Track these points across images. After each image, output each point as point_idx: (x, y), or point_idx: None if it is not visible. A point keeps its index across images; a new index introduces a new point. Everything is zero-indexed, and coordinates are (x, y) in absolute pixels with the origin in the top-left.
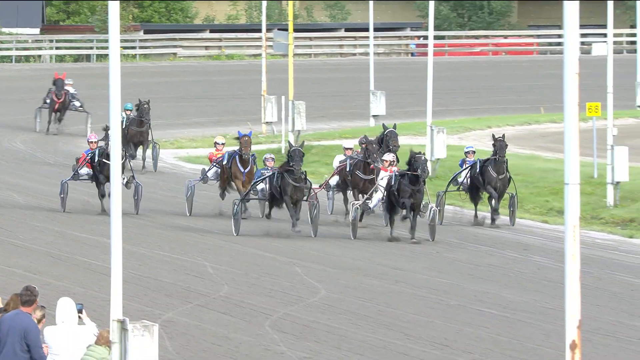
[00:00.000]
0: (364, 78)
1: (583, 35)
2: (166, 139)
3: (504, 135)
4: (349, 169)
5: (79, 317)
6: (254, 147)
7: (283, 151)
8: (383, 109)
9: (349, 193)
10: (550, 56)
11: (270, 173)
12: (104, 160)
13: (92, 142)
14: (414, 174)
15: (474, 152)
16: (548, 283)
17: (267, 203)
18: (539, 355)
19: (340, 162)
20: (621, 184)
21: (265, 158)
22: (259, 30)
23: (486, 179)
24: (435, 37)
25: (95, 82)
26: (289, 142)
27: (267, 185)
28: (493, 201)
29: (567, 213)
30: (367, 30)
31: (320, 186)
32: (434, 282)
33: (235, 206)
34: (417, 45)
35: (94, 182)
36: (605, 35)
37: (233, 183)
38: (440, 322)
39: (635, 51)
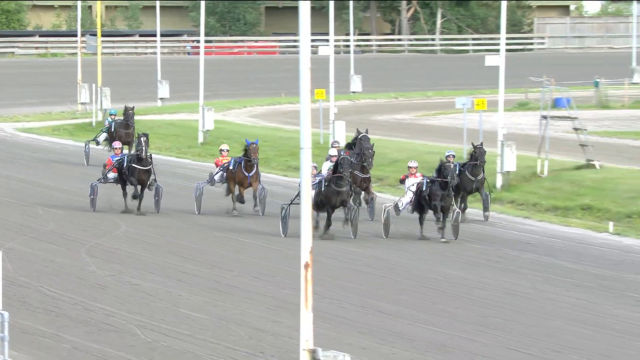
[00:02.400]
0: (153, 71)
1: (313, 40)
2: (7, 115)
3: (482, 142)
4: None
5: None
6: (73, 121)
7: (94, 124)
8: (167, 93)
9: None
10: (288, 55)
11: (318, 180)
12: (134, 165)
13: (116, 148)
14: (444, 180)
15: (453, 156)
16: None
17: (317, 213)
18: None
19: (328, 168)
20: (341, 147)
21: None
22: (76, 35)
23: (463, 181)
24: (205, 41)
25: None
26: (339, 151)
27: (315, 192)
28: (462, 202)
29: (302, 169)
30: (155, 35)
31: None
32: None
33: (284, 210)
34: (192, 47)
35: (120, 184)
36: (328, 40)
37: (236, 186)
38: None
39: (349, 52)
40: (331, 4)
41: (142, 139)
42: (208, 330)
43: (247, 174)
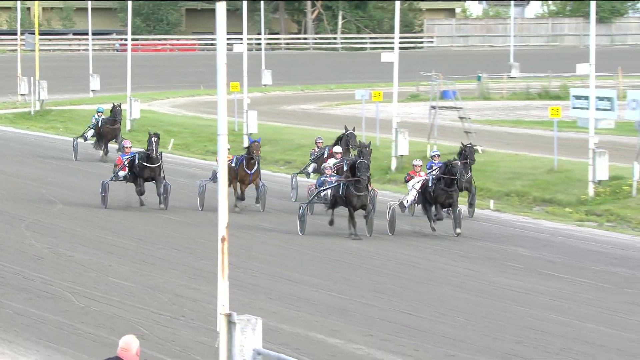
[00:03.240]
0: (85, 66)
1: (228, 38)
2: None
3: (471, 143)
4: (346, 169)
5: None
6: (14, 111)
7: (32, 112)
8: (98, 86)
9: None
10: (207, 52)
11: (336, 183)
12: (144, 163)
13: (126, 147)
14: (451, 177)
15: (439, 155)
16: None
17: (330, 210)
18: None
19: (334, 164)
20: (253, 134)
21: (324, 167)
22: (16, 34)
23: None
24: (132, 39)
25: None
26: (355, 155)
27: (330, 193)
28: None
29: (219, 153)
30: (87, 34)
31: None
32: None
33: (301, 209)
34: (120, 45)
35: (132, 182)
36: (241, 38)
37: (238, 183)
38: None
39: (260, 49)
40: (244, 7)
41: (153, 138)
42: (135, 297)
43: (248, 171)
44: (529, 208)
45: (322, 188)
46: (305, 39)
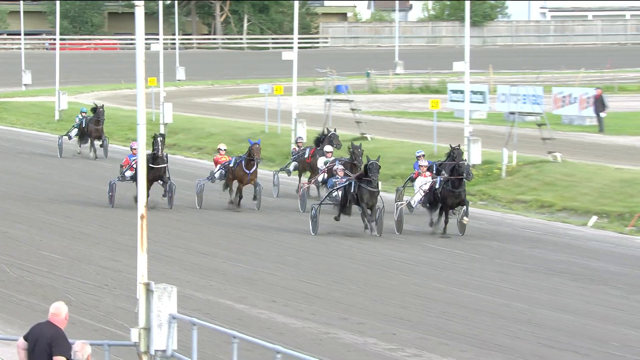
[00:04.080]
0: (18, 62)
1: (146, 38)
2: None
3: (459, 144)
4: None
5: None
6: None
7: None
8: (30, 80)
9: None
10: (127, 51)
11: (347, 182)
12: (150, 164)
13: (135, 148)
14: (458, 177)
15: (423, 155)
16: None
17: (337, 207)
18: None
19: (324, 163)
20: (169, 124)
21: (335, 169)
22: None
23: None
24: (60, 39)
25: None
26: (366, 156)
27: (341, 192)
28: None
29: (139, 140)
30: (20, 34)
31: (309, 181)
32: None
33: (313, 210)
34: (50, 44)
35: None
36: (158, 38)
37: (235, 183)
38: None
39: (175, 48)
40: (160, 10)
41: (158, 139)
42: (63, 268)
43: (247, 172)
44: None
45: (334, 188)
46: (214, 39)
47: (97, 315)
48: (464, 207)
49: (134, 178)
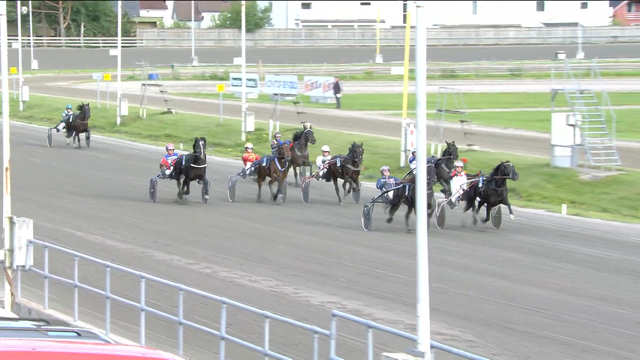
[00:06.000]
0: None
1: (9, 38)
2: None
3: (453, 141)
4: (339, 165)
5: None
6: None
7: None
8: None
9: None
10: None
11: (401, 185)
12: (192, 164)
13: (169, 149)
14: (502, 177)
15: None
16: None
17: (389, 209)
18: None
19: (323, 160)
20: (26, 101)
21: (382, 170)
22: None
23: (440, 174)
24: None
25: None
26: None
27: (393, 193)
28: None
29: (4, 114)
30: None
31: (311, 176)
32: None
33: (366, 207)
34: None
35: (176, 180)
36: (17, 39)
37: (271, 178)
38: None
39: (30, 46)
40: (19, 17)
41: (200, 142)
42: None
43: (281, 169)
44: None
45: (386, 190)
46: (59, 40)
47: None
48: (508, 206)
49: (172, 176)
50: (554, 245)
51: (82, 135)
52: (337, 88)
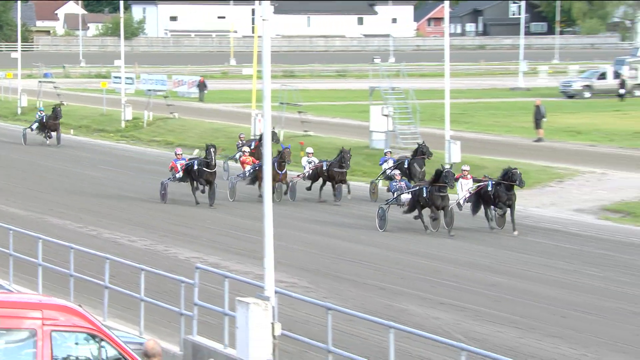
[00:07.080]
0: None
1: None
2: None
3: (424, 141)
4: (325, 168)
5: None
6: None
7: None
8: None
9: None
10: None
11: (418, 188)
12: (203, 168)
13: (178, 154)
14: (511, 183)
15: (390, 151)
16: None
17: (407, 213)
18: None
19: (308, 162)
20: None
21: (392, 174)
22: None
23: (412, 172)
24: None
25: None
26: (441, 165)
27: (411, 196)
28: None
29: None
30: None
31: (298, 176)
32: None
33: (381, 209)
34: None
35: (188, 183)
36: None
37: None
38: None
39: None
40: None
41: (211, 149)
42: None
43: (279, 172)
44: (90, 134)
45: (401, 193)
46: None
47: None
48: (512, 221)
49: (182, 179)
50: (367, 209)
51: (54, 134)
52: (202, 85)
